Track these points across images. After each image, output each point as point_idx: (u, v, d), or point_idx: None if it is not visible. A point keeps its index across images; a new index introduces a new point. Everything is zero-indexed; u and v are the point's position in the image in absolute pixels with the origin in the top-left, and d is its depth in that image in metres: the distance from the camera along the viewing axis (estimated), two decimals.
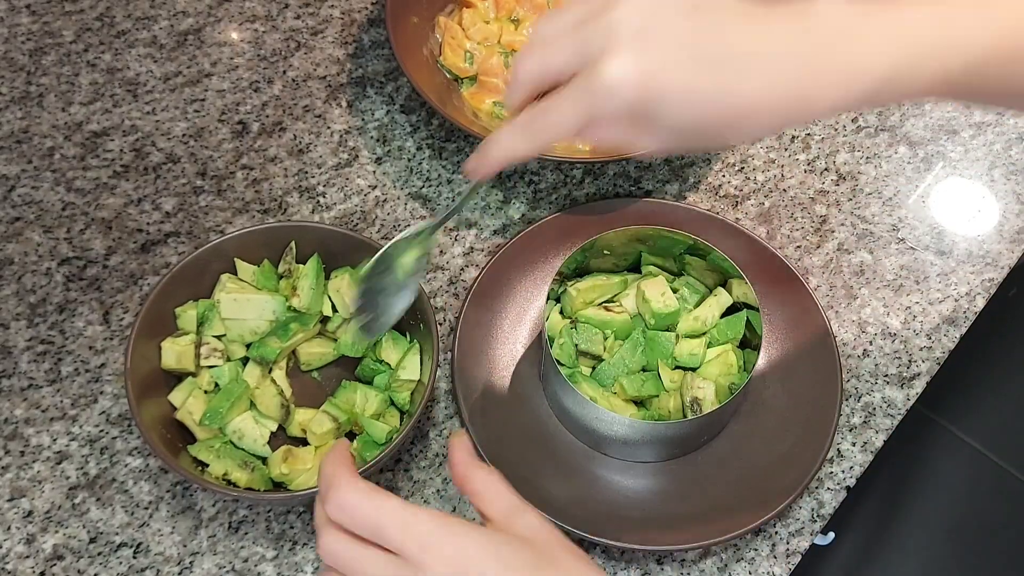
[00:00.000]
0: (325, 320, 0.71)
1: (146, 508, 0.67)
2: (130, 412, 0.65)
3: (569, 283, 0.71)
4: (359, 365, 0.70)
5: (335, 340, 0.71)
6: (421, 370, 0.68)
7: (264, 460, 0.66)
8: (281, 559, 0.65)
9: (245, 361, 0.69)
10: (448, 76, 0.84)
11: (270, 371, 0.69)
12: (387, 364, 0.69)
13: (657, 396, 0.68)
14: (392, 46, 0.79)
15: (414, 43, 0.83)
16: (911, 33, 0.48)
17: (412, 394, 0.67)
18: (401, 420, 0.67)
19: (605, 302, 0.71)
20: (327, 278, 0.71)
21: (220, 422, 0.65)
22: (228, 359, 0.68)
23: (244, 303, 0.68)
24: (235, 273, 0.70)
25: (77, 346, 0.72)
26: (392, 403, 0.68)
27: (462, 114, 0.79)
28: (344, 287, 0.70)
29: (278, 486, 0.65)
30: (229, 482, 0.64)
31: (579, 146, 0.80)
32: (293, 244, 0.70)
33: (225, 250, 0.69)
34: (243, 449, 0.66)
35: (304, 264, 0.70)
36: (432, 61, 0.84)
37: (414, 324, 0.69)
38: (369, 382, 0.69)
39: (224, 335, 0.69)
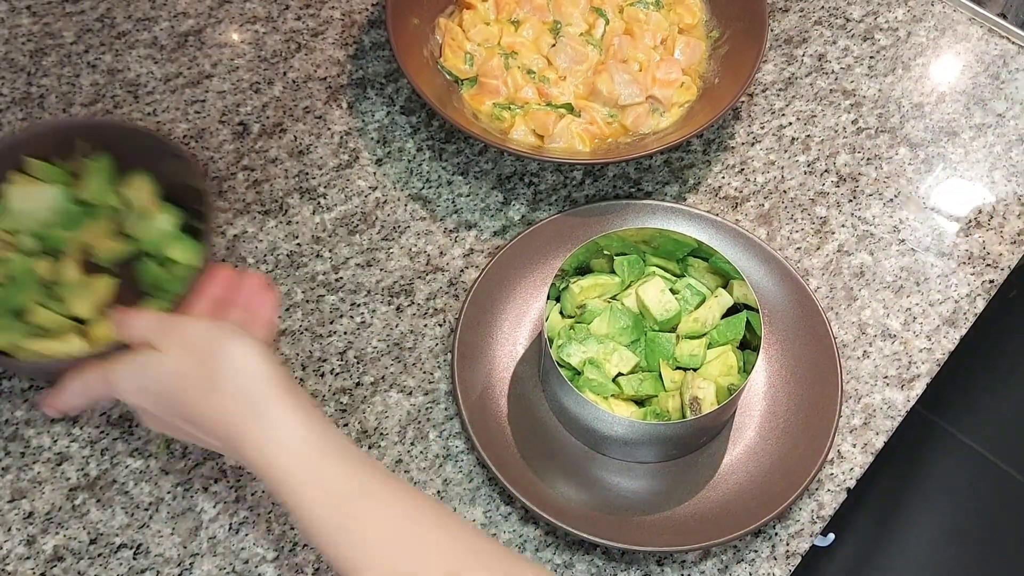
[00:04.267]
0: (120, 221, 0.74)
1: (146, 509, 0.67)
2: None
3: (572, 280, 0.71)
4: (142, 263, 0.72)
5: (130, 237, 0.73)
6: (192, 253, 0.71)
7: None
8: (281, 560, 0.65)
9: (39, 255, 0.71)
10: (448, 78, 0.84)
11: (61, 263, 0.71)
12: (171, 260, 0.72)
13: (656, 396, 0.68)
14: (392, 47, 0.79)
15: (414, 44, 0.83)
16: None
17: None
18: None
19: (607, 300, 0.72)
20: (122, 175, 0.73)
21: (10, 306, 0.67)
22: (18, 251, 0.70)
23: (31, 194, 0.70)
24: (27, 172, 0.72)
25: None
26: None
27: (462, 115, 0.79)
28: (139, 186, 0.72)
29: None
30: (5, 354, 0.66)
31: (578, 146, 0.80)
32: (80, 140, 0.72)
33: (14, 149, 0.71)
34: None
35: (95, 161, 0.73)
36: (432, 63, 0.84)
37: (194, 206, 0.71)
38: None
39: (13, 230, 0.70)
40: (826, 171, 0.84)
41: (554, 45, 0.84)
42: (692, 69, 0.85)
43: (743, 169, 0.84)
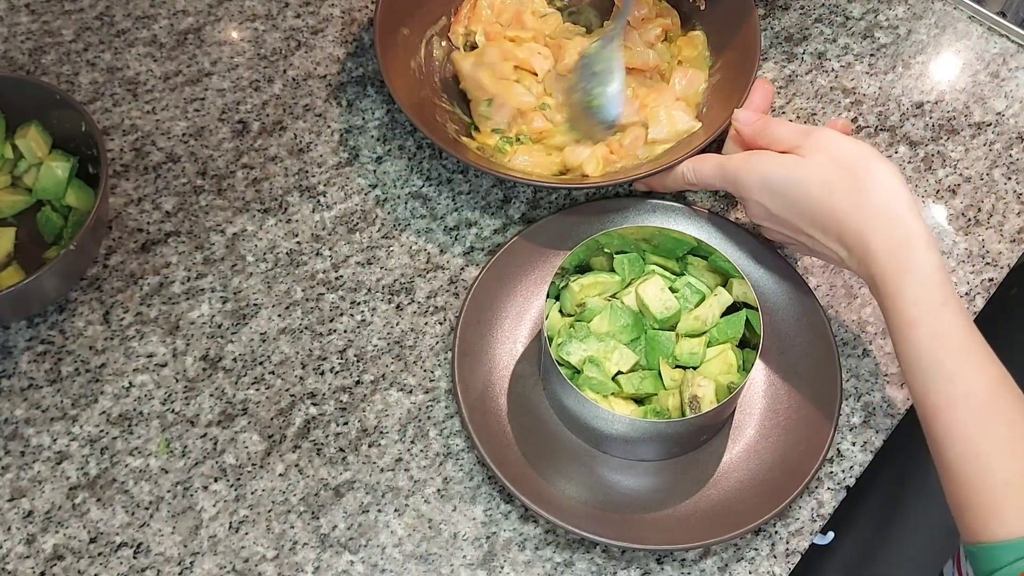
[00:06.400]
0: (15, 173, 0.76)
1: (146, 508, 0.67)
2: None
3: (572, 278, 0.71)
4: (41, 213, 0.75)
5: (28, 189, 0.76)
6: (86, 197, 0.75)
7: None
8: (281, 559, 0.66)
9: None
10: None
11: None
12: (68, 207, 0.75)
13: (655, 394, 0.68)
14: (378, 57, 0.79)
15: (403, 55, 0.82)
16: None
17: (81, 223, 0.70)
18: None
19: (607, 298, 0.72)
20: (11, 129, 0.75)
21: None
22: None
23: None
24: None
25: (77, 346, 0.73)
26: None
27: (444, 130, 0.79)
28: (32, 136, 0.74)
29: None
30: None
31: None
32: None
33: None
34: None
35: None
36: (419, 74, 0.83)
37: (88, 151, 0.74)
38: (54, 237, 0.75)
39: None
40: None
41: (550, 71, 0.83)
42: (689, 98, 0.83)
43: None
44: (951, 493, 0.58)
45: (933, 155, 0.85)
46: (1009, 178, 0.83)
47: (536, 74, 0.83)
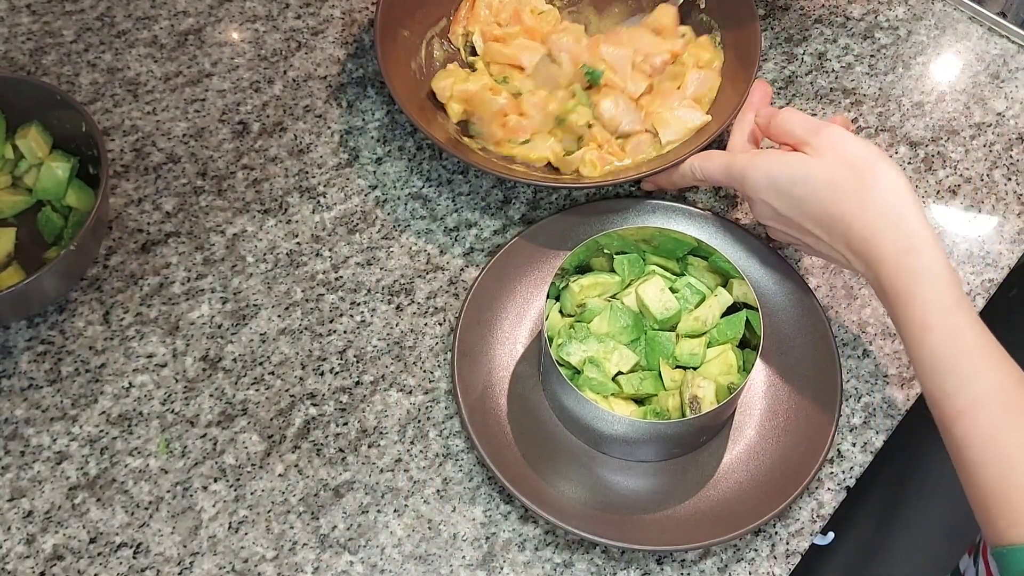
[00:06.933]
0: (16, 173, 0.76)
1: (146, 508, 0.67)
2: None
3: (572, 279, 0.71)
4: (42, 213, 0.75)
5: (29, 189, 0.76)
6: (86, 196, 0.75)
7: None
8: (281, 559, 0.65)
9: None
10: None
11: None
12: (68, 207, 0.75)
13: (655, 395, 0.68)
14: (378, 58, 0.79)
15: (403, 56, 0.82)
16: None
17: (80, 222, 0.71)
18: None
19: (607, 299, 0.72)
20: (11, 129, 0.75)
21: None
22: None
23: None
24: None
25: (77, 346, 0.73)
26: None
27: (444, 131, 0.79)
28: (32, 137, 0.74)
29: None
30: None
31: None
32: None
33: None
34: None
35: None
36: (419, 75, 0.83)
37: (88, 151, 0.74)
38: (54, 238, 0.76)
39: None
40: None
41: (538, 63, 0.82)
42: (703, 96, 0.82)
43: None
44: (974, 495, 0.57)
45: (933, 155, 0.84)
46: (1009, 179, 0.83)
47: (523, 69, 0.82)
